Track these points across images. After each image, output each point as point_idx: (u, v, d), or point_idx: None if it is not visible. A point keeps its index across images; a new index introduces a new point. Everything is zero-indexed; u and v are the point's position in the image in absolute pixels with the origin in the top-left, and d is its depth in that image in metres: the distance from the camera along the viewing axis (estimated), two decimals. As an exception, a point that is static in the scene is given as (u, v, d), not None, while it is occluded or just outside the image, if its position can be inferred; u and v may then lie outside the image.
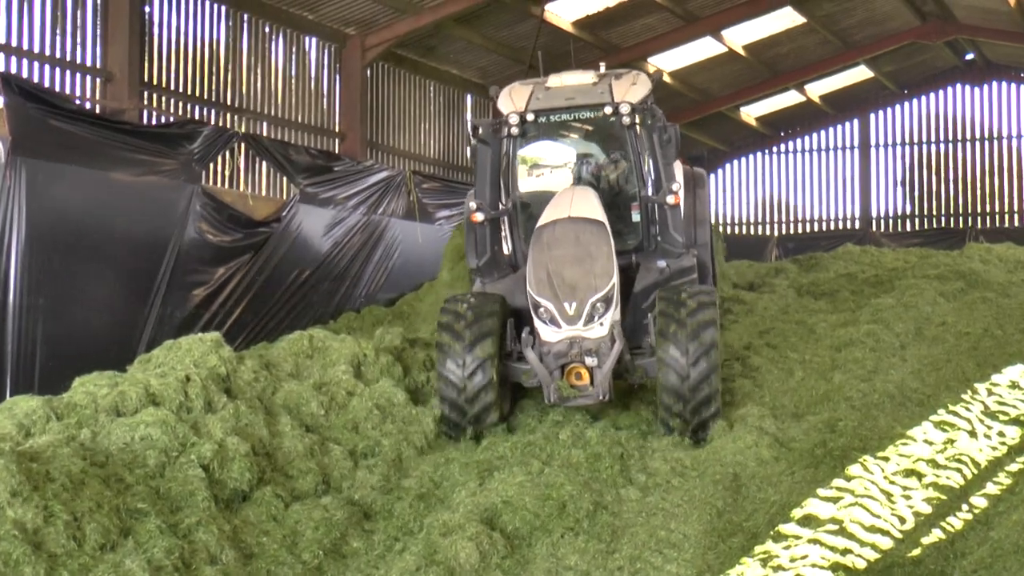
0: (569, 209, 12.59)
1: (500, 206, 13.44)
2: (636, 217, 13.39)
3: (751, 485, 10.80)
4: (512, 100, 13.50)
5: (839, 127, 35.74)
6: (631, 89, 13.40)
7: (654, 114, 13.24)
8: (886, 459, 10.99)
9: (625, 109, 12.96)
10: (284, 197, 19.33)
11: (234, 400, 11.33)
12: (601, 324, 11.93)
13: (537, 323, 12.07)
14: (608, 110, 13.04)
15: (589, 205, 12.69)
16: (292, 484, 10.74)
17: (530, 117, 13.26)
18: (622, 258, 12.90)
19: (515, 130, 13.28)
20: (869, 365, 13.48)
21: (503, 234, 13.58)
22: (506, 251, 13.57)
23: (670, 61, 28.45)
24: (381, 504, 10.79)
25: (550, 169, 14.16)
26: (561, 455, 11.40)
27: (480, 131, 13.50)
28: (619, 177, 13.83)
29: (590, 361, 11.84)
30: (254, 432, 11.00)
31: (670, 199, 12.90)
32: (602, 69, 14.17)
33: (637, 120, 13.06)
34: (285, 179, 19.29)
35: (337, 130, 21.72)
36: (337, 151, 21.30)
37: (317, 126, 21.29)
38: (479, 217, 13.14)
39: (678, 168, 13.84)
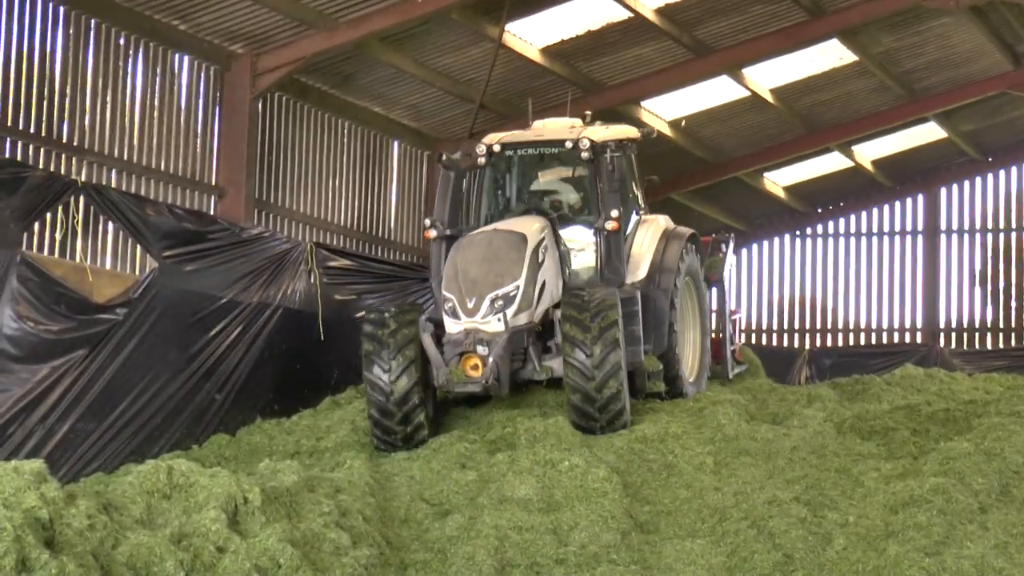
0: (499, 225, 18.42)
1: (463, 231, 18.66)
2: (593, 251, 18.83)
3: None
4: (490, 137, 19.27)
5: (898, 205, 36.32)
6: (599, 131, 19.10)
7: (609, 147, 18.53)
8: (959, 664, 11.06)
9: (584, 144, 18.38)
10: (137, 273, 19.25)
11: (59, 556, 11.19)
12: (498, 320, 17.22)
13: (443, 315, 17.53)
14: (569, 145, 18.56)
15: (521, 224, 18.27)
16: (136, 675, 10.61)
17: (496, 148, 18.91)
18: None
19: (481, 160, 18.91)
20: (937, 534, 13.55)
21: None
22: None
23: (671, 106, 28.91)
24: None
25: (514, 203, 19.48)
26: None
27: (444, 157, 18.98)
28: (581, 216, 19.30)
29: (481, 350, 17.02)
30: (85, 601, 10.88)
31: (608, 224, 18.23)
32: (588, 118, 19.74)
33: (596, 156, 18.40)
34: (140, 248, 19.26)
35: (214, 183, 21.78)
36: (213, 212, 21.34)
37: (187, 177, 21.33)
38: (432, 234, 18.69)
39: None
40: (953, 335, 35.34)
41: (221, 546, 12.27)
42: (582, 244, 19.02)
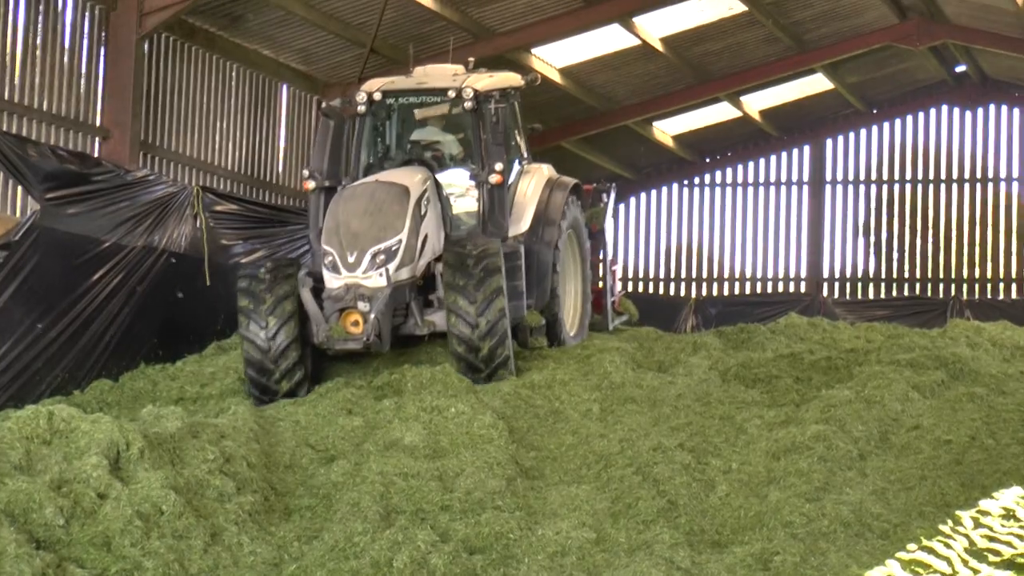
0: (380, 177, 17.92)
1: (343, 182, 18.36)
2: (475, 203, 18.56)
3: (655, 640, 10.88)
4: (370, 84, 18.86)
5: (784, 155, 36.61)
6: (483, 79, 18.72)
7: (493, 97, 18.31)
8: (837, 609, 11.19)
9: (468, 94, 18.06)
10: (18, 215, 19.00)
11: (-65, 501, 11.08)
12: (380, 275, 16.92)
13: (323, 270, 17.17)
14: (452, 94, 18.19)
15: (403, 176, 17.85)
16: (14, 622, 10.53)
17: (377, 96, 18.51)
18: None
19: (361, 108, 18.52)
20: (817, 480, 13.71)
21: None
22: None
23: (561, 54, 28.89)
24: (140, 653, 10.65)
25: (396, 153, 19.06)
26: (395, 591, 11.40)
27: (324, 105, 18.71)
28: (464, 165, 18.96)
29: (363, 306, 16.67)
30: (-39, 548, 10.77)
31: (492, 178, 18.00)
32: (471, 65, 19.41)
33: (479, 106, 18.11)
34: (20, 189, 19.00)
35: (99, 124, 21.51)
36: (98, 154, 21.08)
37: (70, 118, 21.06)
38: (311, 185, 18.38)
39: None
40: (836, 285, 35.78)
41: (102, 492, 12.21)
42: (461, 189, 18.77)
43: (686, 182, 37.12)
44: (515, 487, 13.71)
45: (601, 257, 21.94)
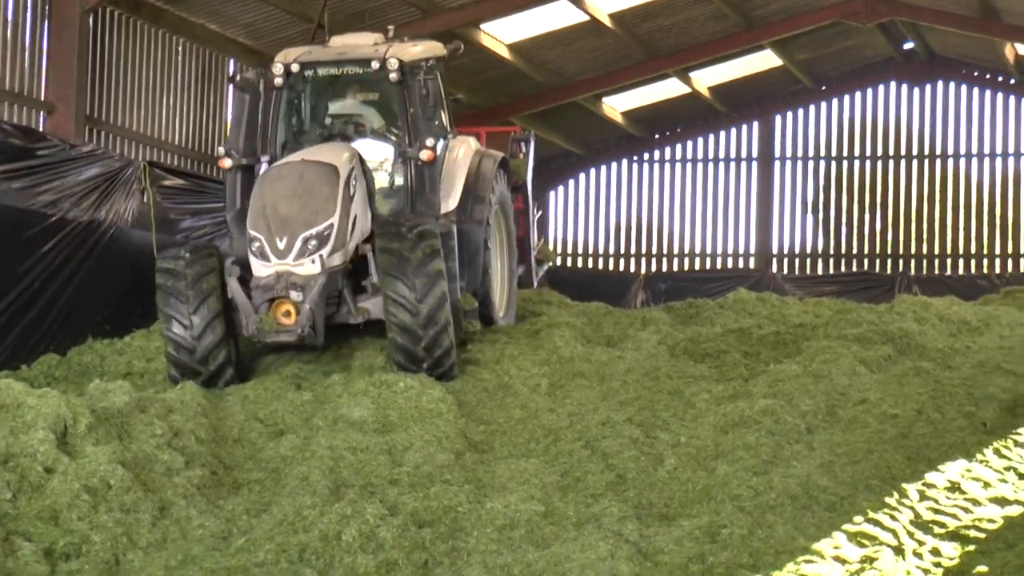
0: (306, 155, 16.83)
1: (261, 159, 17.50)
2: (400, 180, 17.66)
3: (603, 611, 10.94)
4: (285, 55, 17.94)
5: (733, 131, 36.71)
6: (407, 49, 17.82)
7: (420, 69, 17.45)
8: (784, 581, 11.28)
9: (393, 65, 17.25)
10: (-39, 190, 18.93)
11: None
12: (313, 262, 15.94)
13: (250, 257, 16.13)
14: (375, 65, 17.34)
15: (330, 154, 16.76)
16: (-40, 596, 10.52)
17: (295, 68, 17.61)
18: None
19: (279, 80, 17.63)
20: (764, 454, 13.81)
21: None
22: None
23: (511, 30, 28.85)
24: (88, 627, 10.66)
25: (314, 128, 18.18)
26: (343, 563, 11.46)
27: (239, 78, 17.69)
28: (383, 139, 18.06)
29: (295, 296, 15.77)
30: (-93, 521, 10.76)
31: (423, 155, 17.10)
32: (391, 32, 18.55)
33: (405, 77, 17.35)
34: (-36, 164, 18.91)
35: (43, 98, 21.39)
36: (42, 128, 20.95)
37: (14, 91, 20.93)
38: (227, 163, 17.22)
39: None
40: (785, 260, 35.97)
41: (49, 467, 12.24)
42: (375, 162, 17.77)
43: (635, 158, 37.21)
44: (464, 461, 13.79)
45: (522, 207, 20.78)
